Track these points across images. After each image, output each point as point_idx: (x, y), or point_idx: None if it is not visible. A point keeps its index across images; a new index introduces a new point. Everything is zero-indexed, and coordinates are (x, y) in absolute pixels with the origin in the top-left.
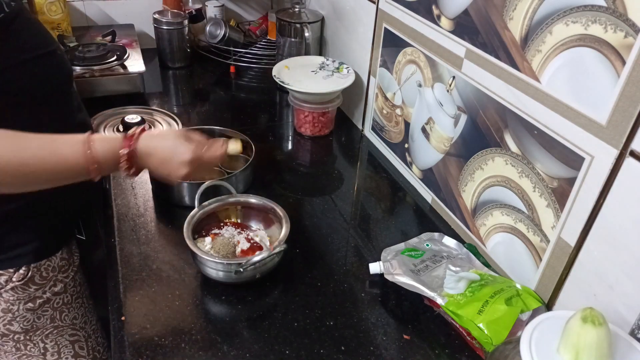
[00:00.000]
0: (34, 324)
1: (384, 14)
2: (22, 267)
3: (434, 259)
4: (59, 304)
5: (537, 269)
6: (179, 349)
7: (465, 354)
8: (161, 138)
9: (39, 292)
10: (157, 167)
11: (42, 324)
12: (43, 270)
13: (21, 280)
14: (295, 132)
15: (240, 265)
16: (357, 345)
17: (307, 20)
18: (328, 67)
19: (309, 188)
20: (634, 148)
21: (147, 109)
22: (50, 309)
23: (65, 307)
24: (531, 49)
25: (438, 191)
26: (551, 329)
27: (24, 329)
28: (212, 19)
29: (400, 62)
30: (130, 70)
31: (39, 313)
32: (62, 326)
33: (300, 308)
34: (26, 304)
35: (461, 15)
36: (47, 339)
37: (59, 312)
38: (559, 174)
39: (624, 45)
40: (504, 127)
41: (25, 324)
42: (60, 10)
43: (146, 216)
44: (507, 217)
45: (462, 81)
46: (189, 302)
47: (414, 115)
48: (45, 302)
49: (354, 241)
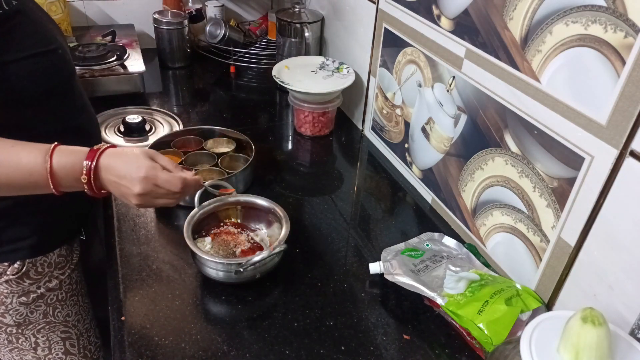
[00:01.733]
0: (27, 317)
1: (384, 14)
2: (17, 261)
3: (434, 259)
4: (53, 300)
5: (537, 269)
6: (179, 349)
7: (465, 354)
8: (122, 154)
9: (33, 287)
10: (112, 184)
11: (34, 319)
12: (39, 265)
13: (15, 274)
14: (295, 132)
15: (240, 265)
16: (357, 345)
17: (307, 20)
18: (328, 67)
19: (309, 188)
20: (634, 148)
21: (147, 109)
22: (44, 304)
23: (59, 304)
24: (531, 49)
25: (438, 191)
26: (551, 329)
27: (16, 322)
28: (212, 19)
29: (400, 62)
30: (130, 70)
31: (32, 307)
32: (54, 322)
33: (300, 308)
34: (19, 298)
35: (461, 15)
36: (38, 334)
37: (52, 308)
38: (559, 174)
39: (624, 45)
40: (504, 127)
41: (18, 317)
42: (60, 10)
43: (146, 216)
44: (507, 217)
45: (462, 81)
46: (189, 302)
47: (414, 115)
48: (38, 297)
49: (354, 241)
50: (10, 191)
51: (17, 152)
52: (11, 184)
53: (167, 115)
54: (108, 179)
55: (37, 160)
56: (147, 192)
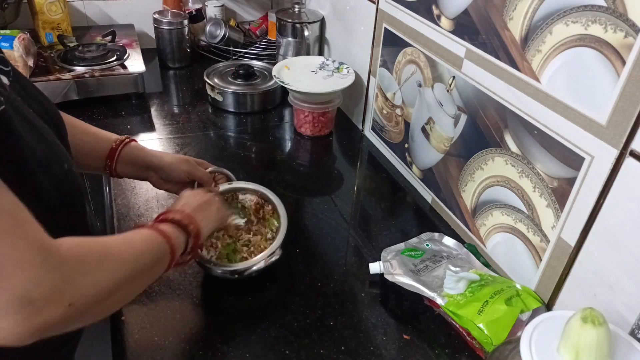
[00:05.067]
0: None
1: (384, 14)
2: None
3: (434, 259)
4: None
5: (537, 269)
6: (179, 349)
7: (465, 354)
8: (200, 207)
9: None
10: (210, 224)
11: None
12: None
13: None
14: (295, 132)
15: (235, 272)
16: (357, 345)
17: (307, 20)
18: (328, 67)
19: (309, 188)
20: (634, 148)
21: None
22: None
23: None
24: (531, 49)
25: (438, 191)
26: (551, 329)
27: None
28: (212, 19)
29: (400, 62)
30: (130, 70)
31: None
32: None
33: (300, 308)
34: None
35: (461, 15)
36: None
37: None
38: (559, 174)
39: (624, 45)
40: (504, 127)
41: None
42: (60, 10)
43: (146, 216)
44: (507, 217)
45: (462, 81)
46: (189, 302)
47: (414, 115)
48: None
49: (354, 241)
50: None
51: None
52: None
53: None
54: (203, 227)
55: (162, 244)
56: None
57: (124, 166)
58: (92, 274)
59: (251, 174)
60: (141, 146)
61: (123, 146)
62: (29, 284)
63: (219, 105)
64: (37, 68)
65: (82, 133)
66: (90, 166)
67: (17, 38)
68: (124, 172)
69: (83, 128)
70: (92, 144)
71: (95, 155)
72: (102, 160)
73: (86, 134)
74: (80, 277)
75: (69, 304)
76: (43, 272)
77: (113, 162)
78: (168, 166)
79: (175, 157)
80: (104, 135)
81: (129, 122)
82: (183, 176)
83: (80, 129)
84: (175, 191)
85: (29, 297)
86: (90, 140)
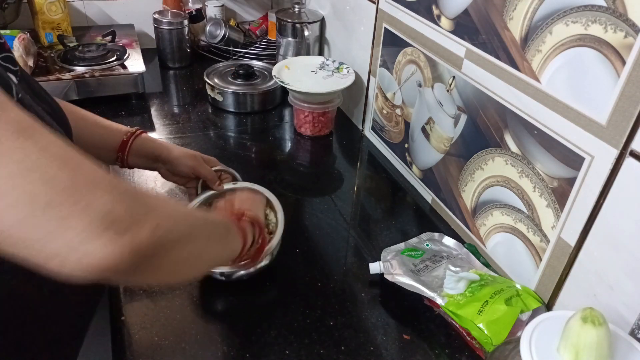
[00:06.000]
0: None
1: (384, 14)
2: None
3: (434, 259)
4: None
5: (537, 269)
6: (179, 349)
7: (465, 354)
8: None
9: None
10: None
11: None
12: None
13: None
14: (295, 132)
15: (222, 275)
16: (357, 345)
17: (307, 20)
18: (328, 67)
19: (309, 188)
20: (634, 148)
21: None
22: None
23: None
24: (531, 49)
25: (438, 191)
26: (551, 329)
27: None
28: (212, 19)
29: (400, 62)
30: (130, 70)
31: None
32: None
33: (300, 308)
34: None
35: (461, 15)
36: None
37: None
38: (559, 174)
39: (624, 45)
40: (504, 127)
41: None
42: (60, 10)
43: None
44: (507, 217)
45: (462, 81)
46: (189, 301)
47: (414, 115)
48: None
49: (354, 241)
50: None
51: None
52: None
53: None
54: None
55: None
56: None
57: (135, 158)
58: (168, 204)
59: (251, 174)
60: (152, 138)
61: (134, 138)
62: (107, 203)
63: (219, 105)
64: (37, 68)
65: (93, 125)
66: (102, 158)
67: (17, 38)
68: (135, 163)
69: (94, 121)
70: (104, 136)
71: (108, 148)
72: (114, 153)
73: (98, 127)
74: (159, 202)
75: (156, 223)
76: (118, 193)
77: (125, 154)
78: (174, 160)
79: (183, 152)
80: (115, 127)
81: (129, 122)
82: (188, 171)
83: (91, 121)
84: (182, 184)
85: (110, 217)
86: (102, 133)
